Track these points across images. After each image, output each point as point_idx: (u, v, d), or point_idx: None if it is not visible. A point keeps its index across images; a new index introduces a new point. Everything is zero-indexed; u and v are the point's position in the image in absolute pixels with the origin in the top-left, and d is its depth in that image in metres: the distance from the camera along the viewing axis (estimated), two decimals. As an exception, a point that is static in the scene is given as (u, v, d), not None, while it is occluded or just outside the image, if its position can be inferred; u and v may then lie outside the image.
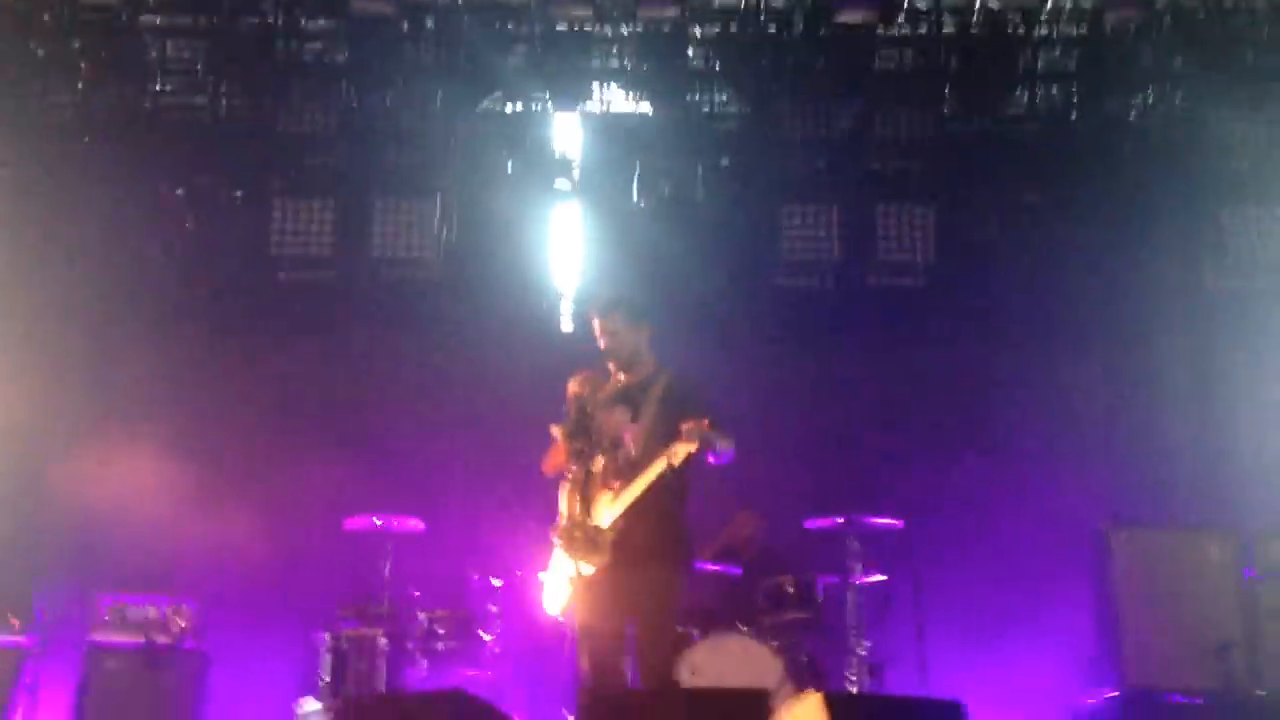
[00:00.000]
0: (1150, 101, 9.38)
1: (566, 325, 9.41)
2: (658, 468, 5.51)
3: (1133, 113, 9.40)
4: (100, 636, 7.86)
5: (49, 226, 9.04)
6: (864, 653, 7.71)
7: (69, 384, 8.93)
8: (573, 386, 5.86)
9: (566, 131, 9.53)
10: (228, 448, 8.94)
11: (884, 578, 7.91)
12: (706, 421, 5.39)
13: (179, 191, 9.14)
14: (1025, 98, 9.49)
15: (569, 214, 9.53)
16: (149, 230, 9.13)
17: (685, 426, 5.41)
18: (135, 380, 9.03)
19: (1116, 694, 7.47)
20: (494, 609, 8.04)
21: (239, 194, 9.23)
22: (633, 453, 5.77)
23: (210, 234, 9.16)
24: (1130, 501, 8.70)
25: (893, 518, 7.87)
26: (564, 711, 7.29)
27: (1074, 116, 9.38)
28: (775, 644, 7.56)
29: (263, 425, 9.04)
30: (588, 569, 5.60)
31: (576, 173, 9.50)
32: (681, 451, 5.39)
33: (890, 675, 7.76)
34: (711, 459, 5.47)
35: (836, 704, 4.95)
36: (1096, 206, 9.22)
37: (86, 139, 9.09)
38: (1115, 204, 9.22)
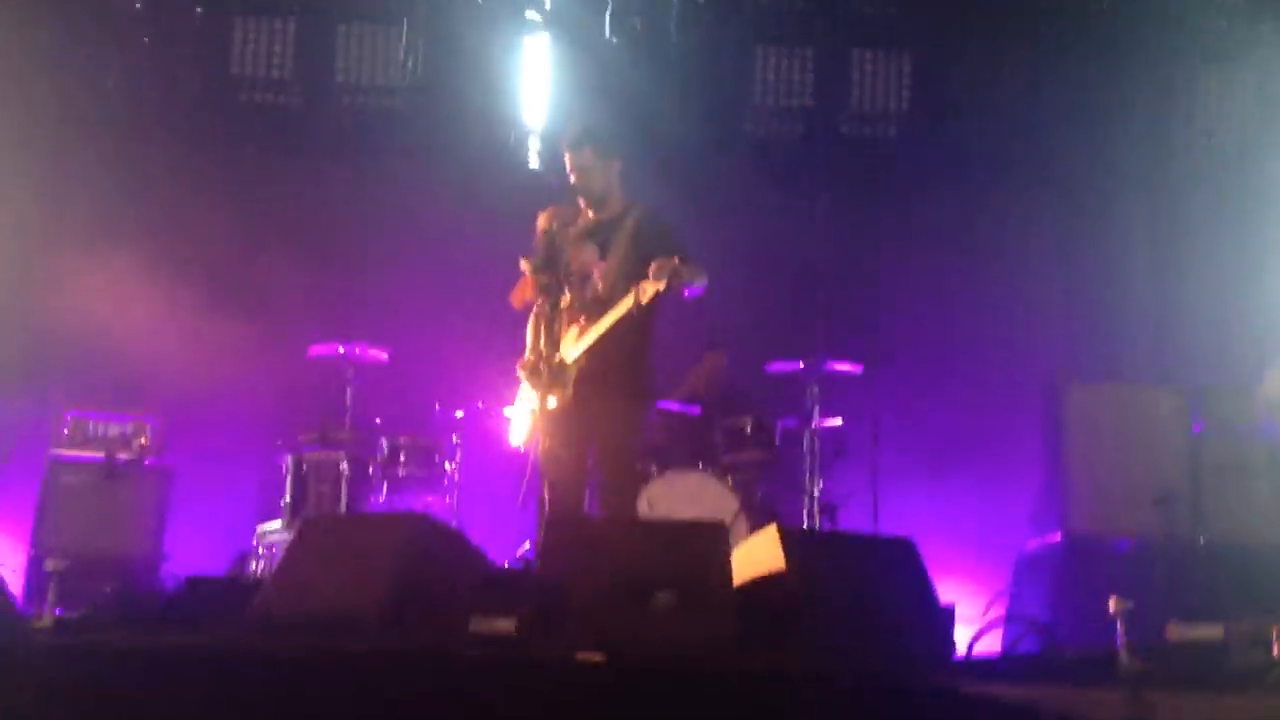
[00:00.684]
0: (1134, -48, 9.23)
1: (534, 162, 9.29)
2: (625, 304, 5.52)
3: (1115, -38, 9.26)
4: (61, 451, 7.88)
5: (5, 38, 8.75)
6: (818, 494, 7.89)
7: (30, 202, 8.74)
8: (542, 221, 5.83)
9: (539, -41, 9.28)
10: (192, 267, 8.83)
11: (840, 422, 8.04)
12: (676, 259, 5.38)
13: (137, 4, 8.85)
14: (1007, -58, 9.33)
15: (539, 46, 9.33)
16: (107, 44, 8.86)
17: (655, 265, 5.40)
18: (97, 197, 8.85)
19: (1060, 538, 7.67)
20: (456, 439, 8.13)
21: (199, 9, 8.96)
22: (600, 289, 5.79)
23: (169, 51, 8.91)
24: (1085, 355, 8.86)
25: (853, 364, 7.98)
26: (523, 541, 7.42)
27: (1055, -37, 9.23)
28: (732, 481, 7.71)
29: (227, 246, 8.91)
30: (552, 402, 5.64)
31: (547, 4, 9.27)
32: (650, 289, 5.40)
33: (843, 517, 7.95)
34: (686, 293, 5.48)
35: (791, 537, 5.07)
36: (1072, 58, 9.13)
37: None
38: (1090, 56, 9.13)
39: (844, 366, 7.96)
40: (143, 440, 7.94)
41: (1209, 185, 9.27)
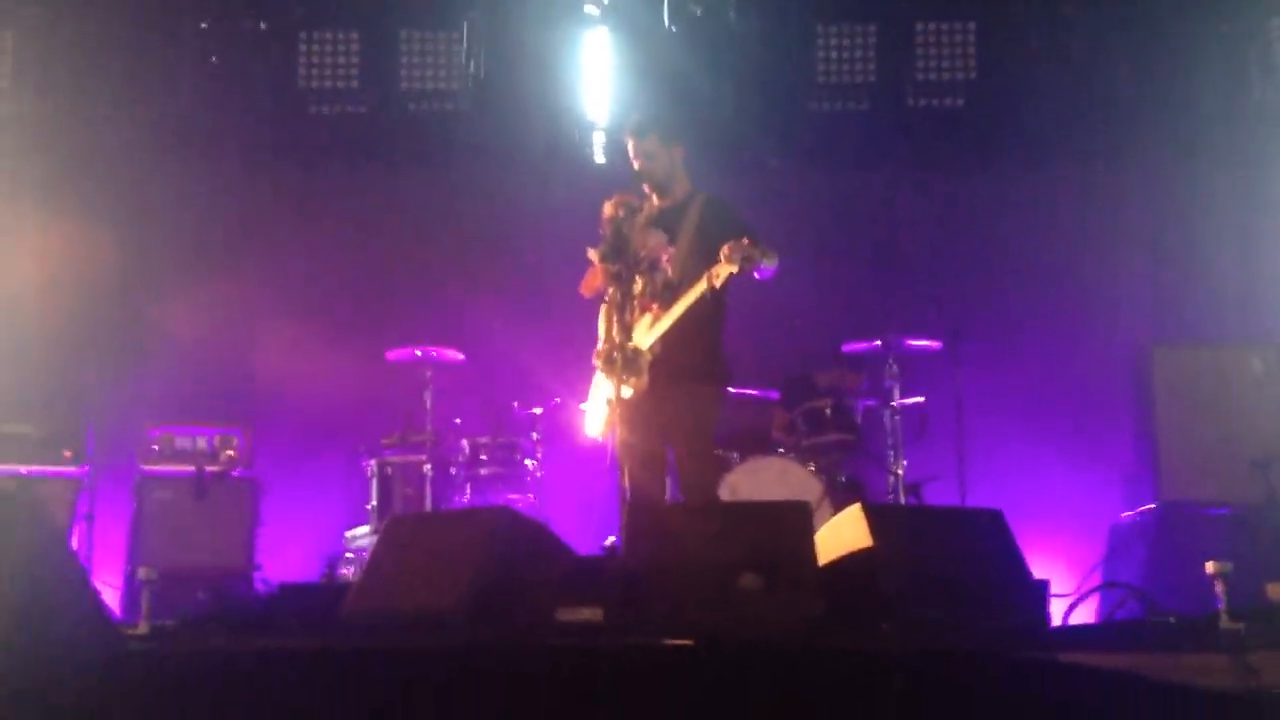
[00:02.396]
0: (1200, -93, 9.02)
1: (599, 156, 9.30)
2: (698, 289, 5.50)
3: (1182, -82, 9.05)
4: (150, 467, 8.03)
5: (74, 66, 8.92)
6: (902, 473, 7.80)
7: (112, 223, 8.91)
8: (608, 209, 5.81)
9: (595, -46, 9.28)
10: (269, 279, 9.00)
11: (922, 399, 7.94)
12: (746, 240, 5.35)
13: (203, 24, 8.99)
14: (1070, -95, 9.15)
15: (599, 40, 9.33)
16: (175, 66, 9.00)
17: (727, 247, 5.37)
18: (177, 215, 9.03)
19: (1153, 507, 7.51)
20: (535, 436, 8.16)
21: (263, 26, 9.07)
22: (670, 274, 5.76)
23: (236, 68, 9.03)
24: (1172, 317, 8.68)
25: (931, 339, 7.87)
26: (608, 533, 7.42)
27: (1120, -77, 9.04)
28: (814, 465, 7.65)
29: (302, 256, 9.09)
30: (627, 391, 5.63)
31: (605, -2, 9.28)
32: (723, 273, 5.38)
33: (929, 494, 7.85)
34: (758, 275, 5.44)
35: (876, 513, 5.00)
36: (1140, 17, 8.93)
37: (108, -27, 8.93)
38: (1160, 15, 8.93)
39: (923, 343, 7.85)
40: (230, 452, 8.07)
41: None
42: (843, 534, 5.03)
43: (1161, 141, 9.07)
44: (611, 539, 7.29)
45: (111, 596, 7.41)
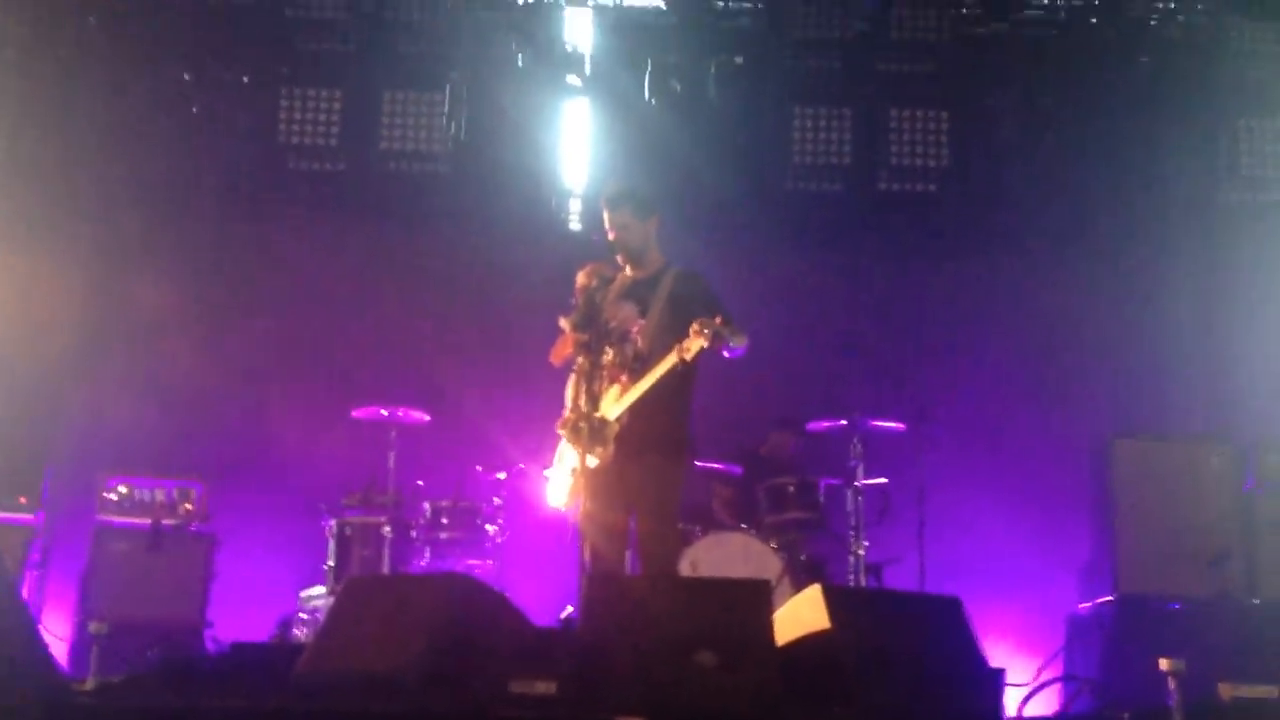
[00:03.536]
0: (1172, 8, 9.23)
1: (575, 224, 9.37)
2: (669, 362, 5.52)
3: (1154, 18, 9.26)
4: (107, 517, 7.92)
5: (53, 110, 8.93)
6: (863, 553, 7.79)
7: (78, 269, 8.87)
8: (581, 278, 5.84)
9: (578, 26, 9.42)
10: (237, 335, 8.96)
11: (885, 480, 7.96)
12: (719, 318, 5.38)
13: (185, 76, 9.03)
14: (1045, 1, 9.35)
15: (579, 110, 9.44)
16: (155, 115, 9.02)
17: (698, 323, 5.40)
18: (144, 266, 9.01)
19: (1111, 599, 7.53)
20: (498, 501, 8.13)
21: (245, 80, 9.12)
22: (640, 346, 5.78)
23: (217, 120, 9.07)
24: (1133, 411, 8.75)
25: (896, 421, 7.91)
26: (566, 603, 7.37)
27: (1094, 20, 9.24)
28: (775, 543, 7.65)
29: (271, 313, 9.06)
30: (592, 461, 5.62)
31: (587, 68, 9.39)
32: (695, 347, 5.40)
33: (890, 577, 7.84)
34: (726, 353, 5.47)
35: (836, 595, 5.00)
36: (1113, 114, 9.13)
37: (92, 20, 8.95)
38: (1131, 112, 9.12)
39: (887, 424, 7.88)
40: (188, 505, 7.98)
41: (1253, 238, 9.18)
42: (801, 615, 5.03)
43: (1128, 237, 9.21)
44: (569, 610, 7.26)
45: (60, 648, 7.29)
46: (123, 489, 7.95)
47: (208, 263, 9.13)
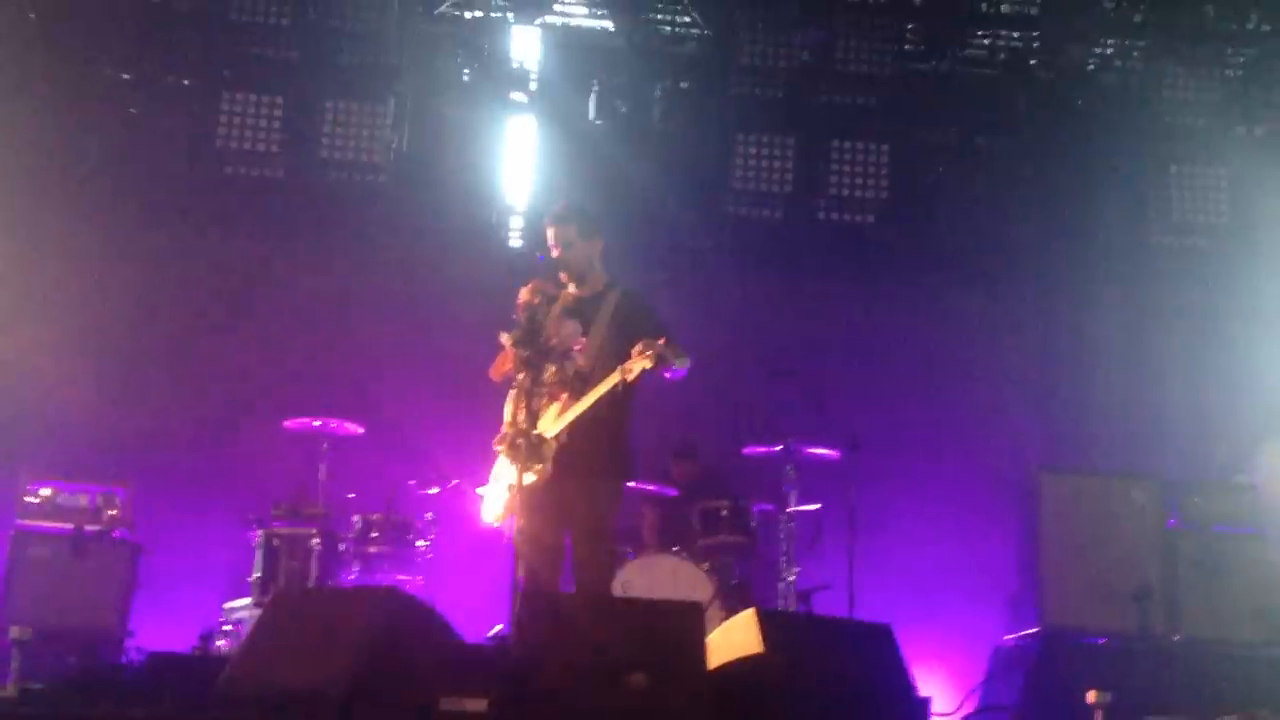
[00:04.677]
0: (1109, 54, 9.44)
1: (516, 240, 9.35)
2: (610, 381, 5.51)
3: (1092, 64, 9.47)
4: (28, 521, 7.74)
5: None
6: (794, 579, 7.83)
7: (3, 268, 8.68)
8: (524, 294, 5.80)
9: (525, 43, 9.42)
10: (168, 340, 8.84)
11: (818, 507, 8.01)
12: (663, 340, 5.39)
13: (124, 76, 8.90)
14: (987, 41, 9.51)
15: (524, 127, 9.43)
16: (92, 113, 8.88)
17: (642, 344, 5.40)
18: (73, 264, 8.84)
19: (1035, 632, 7.62)
20: (429, 517, 8.05)
21: (186, 83, 9.01)
22: (582, 365, 5.78)
23: (155, 122, 8.94)
24: (1061, 446, 8.90)
25: (829, 448, 7.96)
26: (497, 621, 7.32)
27: (1033, 63, 9.42)
28: (707, 565, 7.66)
29: (203, 318, 8.95)
30: (529, 478, 5.59)
31: (533, 86, 9.40)
32: (637, 367, 5.40)
33: (819, 603, 7.88)
34: (668, 375, 5.49)
35: (769, 620, 5.02)
36: (1048, 155, 9.32)
37: (32, 15, 8.79)
38: (1067, 153, 9.31)
39: (821, 451, 7.93)
40: (112, 512, 7.82)
41: (1183, 281, 9.40)
42: (734, 638, 5.04)
43: (1059, 274, 9.40)
44: (499, 627, 7.21)
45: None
46: (45, 492, 7.78)
47: (141, 266, 8.98)
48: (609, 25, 9.42)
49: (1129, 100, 9.37)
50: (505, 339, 5.73)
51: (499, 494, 5.93)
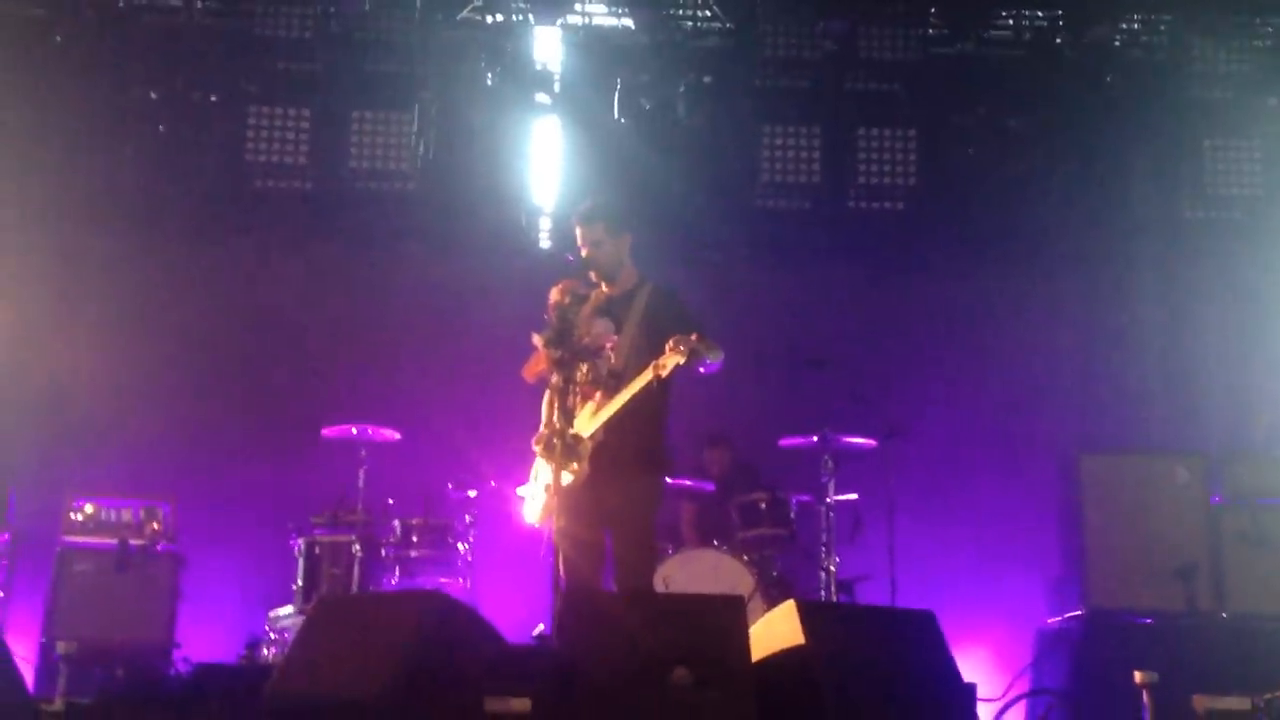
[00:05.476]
0: (1136, 29, 9.36)
1: (545, 242, 9.37)
2: (644, 379, 5.50)
3: (1118, 40, 9.38)
4: (73, 538, 7.84)
5: (17, 129, 8.85)
6: (835, 569, 7.81)
7: (42, 289, 8.81)
8: (555, 294, 5.80)
9: (547, 44, 9.44)
10: (204, 354, 8.92)
11: (856, 497, 7.99)
12: (694, 335, 5.38)
13: (152, 95, 8.99)
14: (1011, 22, 9.45)
15: (549, 129, 9.45)
16: (121, 133, 8.98)
17: (674, 339, 5.39)
18: (109, 285, 8.96)
19: (1080, 614, 7.57)
20: (469, 519, 8.09)
21: (214, 99, 9.08)
22: (615, 363, 5.77)
23: (184, 139, 9.02)
24: (1101, 426, 8.82)
25: (866, 438, 7.94)
26: (539, 621, 7.34)
27: (1059, 42, 9.34)
28: (747, 559, 7.65)
29: (239, 332, 9.02)
30: (567, 478, 5.60)
31: (557, 87, 9.41)
32: (670, 363, 5.36)
33: (861, 593, 7.86)
34: (702, 369, 5.45)
35: (810, 611, 5.00)
36: (1078, 133, 9.22)
37: (59, 38, 8.89)
38: (1097, 131, 9.22)
39: (858, 440, 7.91)
40: (155, 525, 7.90)
41: (1218, 255, 9.30)
42: (776, 630, 5.03)
43: (1094, 254, 9.31)
44: (541, 627, 7.23)
45: (25, 669, 7.19)
46: (89, 509, 7.87)
47: (176, 282, 9.07)
48: (630, 23, 9.41)
49: (1157, 75, 9.28)
50: (537, 340, 5.74)
51: (538, 494, 5.95)
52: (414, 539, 7.95)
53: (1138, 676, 4.60)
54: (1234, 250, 9.28)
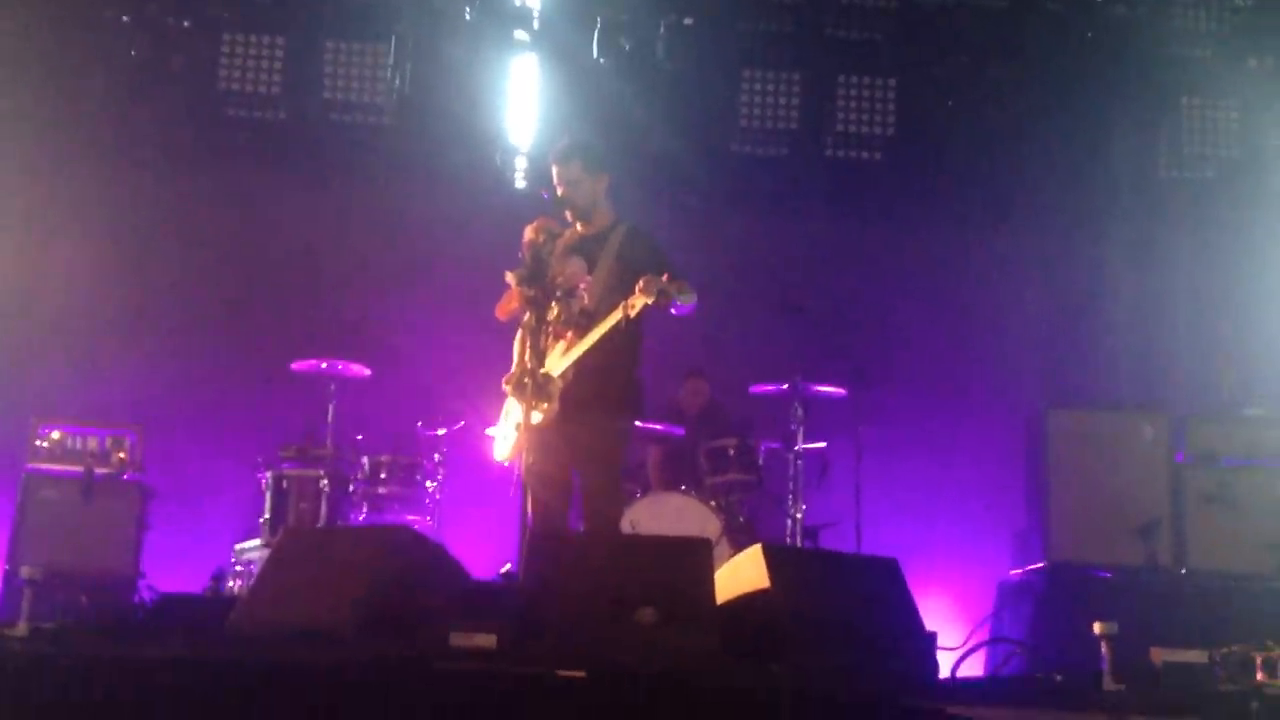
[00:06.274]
0: (1117, -17, 9.32)
1: (521, 181, 9.29)
2: (614, 319, 5.50)
3: (1099, -5, 9.34)
4: (38, 464, 7.77)
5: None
6: (801, 516, 7.86)
7: (9, 213, 8.70)
8: (529, 233, 5.77)
9: (527, -20, 9.31)
10: (175, 283, 8.84)
11: (824, 445, 8.02)
12: (666, 275, 5.36)
13: (124, 18, 8.83)
14: (992, -28, 9.39)
15: (527, 67, 9.34)
16: (92, 56, 8.82)
17: (644, 280, 5.37)
18: (77, 208, 8.86)
19: (1042, 566, 7.65)
20: (438, 457, 8.08)
21: (186, 24, 8.93)
22: (587, 303, 5.75)
23: (156, 64, 8.87)
24: (1069, 381, 8.88)
25: (836, 386, 7.96)
26: (505, 560, 7.36)
27: (1042, -4, 9.30)
28: (714, 504, 7.69)
29: (210, 262, 8.94)
30: (537, 417, 5.59)
31: (535, 24, 9.29)
32: (639, 303, 5.36)
33: (826, 539, 7.92)
34: (674, 310, 5.44)
35: (776, 555, 5.03)
36: (1058, 89, 9.19)
37: (29, -41, 8.73)
38: (1076, 86, 9.19)
39: (828, 389, 7.93)
40: (121, 454, 7.84)
41: (1192, 214, 9.33)
42: (741, 573, 5.06)
43: (1067, 210, 9.33)
44: (508, 566, 7.24)
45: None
46: (55, 435, 7.79)
47: (145, 209, 8.97)
48: (612, -39, 9.29)
49: (1138, 32, 9.22)
50: (510, 278, 5.71)
51: (508, 433, 5.94)
52: (382, 476, 7.94)
53: (1097, 627, 4.65)
54: (1208, 211, 9.31)
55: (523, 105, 9.29)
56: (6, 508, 7.72)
